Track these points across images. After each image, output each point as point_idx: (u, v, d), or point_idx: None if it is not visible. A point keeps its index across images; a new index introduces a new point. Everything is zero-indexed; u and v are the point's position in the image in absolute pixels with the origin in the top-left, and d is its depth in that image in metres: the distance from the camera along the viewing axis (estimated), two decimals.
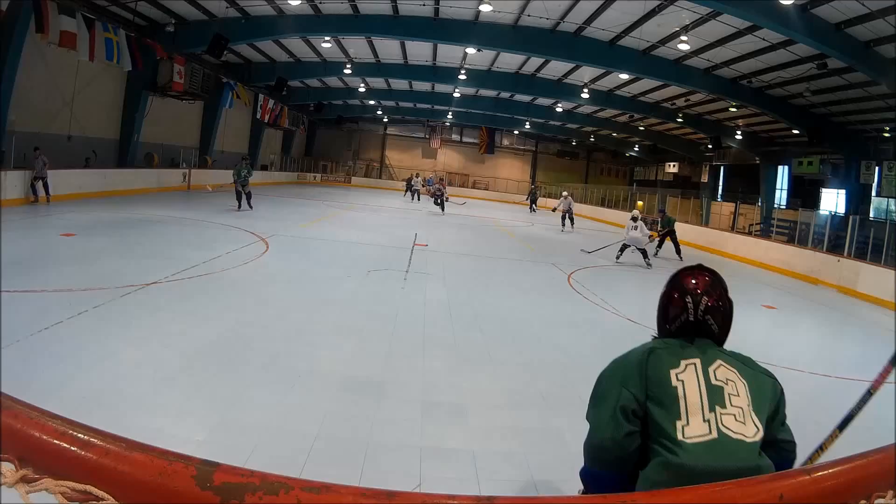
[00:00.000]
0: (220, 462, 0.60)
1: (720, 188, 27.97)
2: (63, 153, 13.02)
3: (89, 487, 0.57)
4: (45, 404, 0.64)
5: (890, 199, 17.40)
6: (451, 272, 7.98)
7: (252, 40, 17.25)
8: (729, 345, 1.42)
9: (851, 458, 0.75)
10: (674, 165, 30.29)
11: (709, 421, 1.18)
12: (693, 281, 1.41)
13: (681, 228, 18.37)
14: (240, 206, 12.82)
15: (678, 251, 12.18)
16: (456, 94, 25.28)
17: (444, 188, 19.95)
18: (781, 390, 1.39)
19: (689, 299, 1.37)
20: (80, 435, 0.60)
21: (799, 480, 0.69)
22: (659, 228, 12.47)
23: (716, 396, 1.21)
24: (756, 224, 21.45)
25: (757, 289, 9.73)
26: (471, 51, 17.12)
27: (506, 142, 37.13)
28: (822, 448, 1.42)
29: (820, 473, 0.71)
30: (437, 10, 14.42)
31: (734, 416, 1.19)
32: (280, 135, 29.48)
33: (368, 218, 15.35)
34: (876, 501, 0.71)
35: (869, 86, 13.76)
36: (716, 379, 1.24)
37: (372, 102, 30.05)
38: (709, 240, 15.95)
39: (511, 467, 2.74)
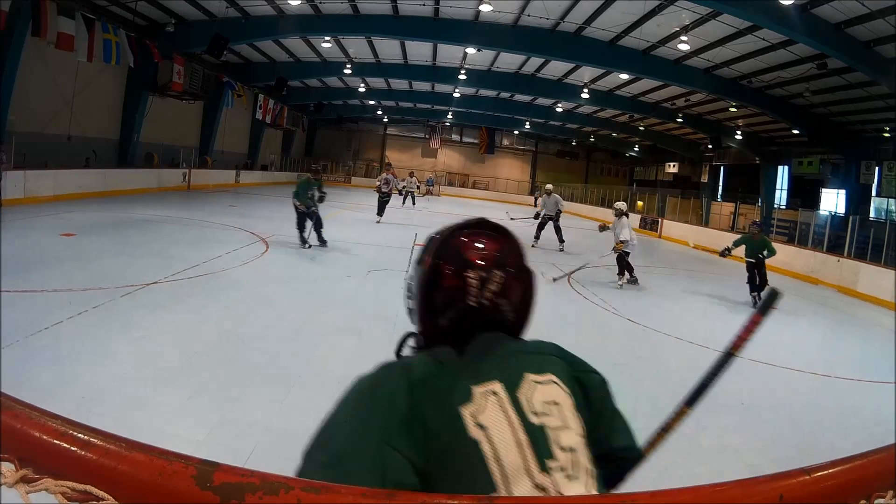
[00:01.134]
0: (220, 462, 0.60)
1: (720, 188, 27.99)
2: (63, 153, 13.02)
3: (89, 487, 0.57)
4: (45, 404, 0.64)
5: (890, 199, 17.40)
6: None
7: (252, 40, 17.25)
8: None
9: (851, 458, 0.75)
10: (674, 165, 30.29)
11: (541, 487, 0.71)
12: (474, 246, 0.89)
13: (680, 228, 18.54)
14: (304, 241, 8.67)
15: (758, 285, 7.79)
16: (456, 94, 25.27)
17: (418, 183, 21.07)
18: (603, 381, 0.98)
19: (471, 275, 0.86)
20: (80, 435, 0.60)
21: (799, 480, 0.69)
22: (732, 246, 8.14)
23: (540, 442, 0.73)
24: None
25: None
26: (471, 51, 17.13)
27: (506, 142, 37.13)
28: (666, 428, 1.04)
29: (820, 473, 0.71)
30: (437, 10, 14.42)
31: (564, 469, 0.73)
32: (280, 135, 29.48)
33: (368, 218, 15.35)
34: (876, 501, 0.71)
35: (869, 86, 13.76)
36: (533, 413, 0.76)
37: (372, 102, 30.05)
38: (709, 240, 15.94)
39: None
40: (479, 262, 0.87)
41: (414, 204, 20.27)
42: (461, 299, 0.86)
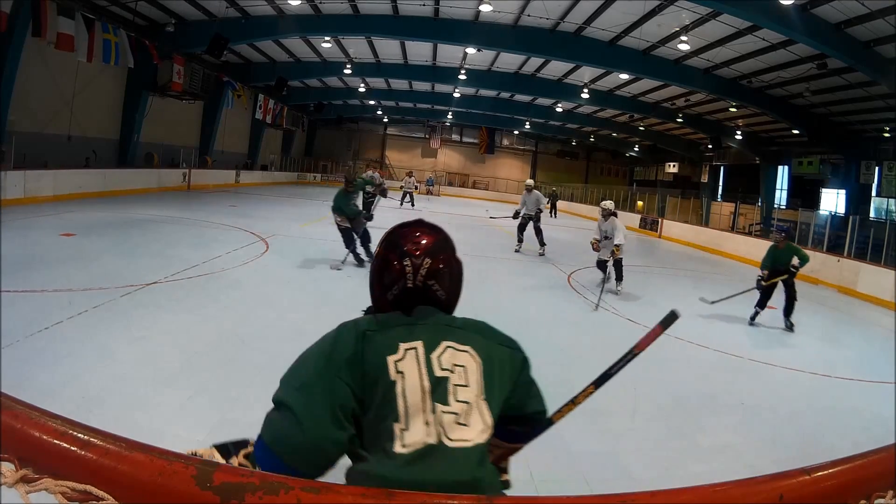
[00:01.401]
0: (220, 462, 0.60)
1: (720, 188, 28.00)
2: (63, 153, 13.02)
3: (89, 487, 0.57)
4: (44, 404, 0.64)
5: (890, 199, 17.41)
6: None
7: (252, 40, 17.25)
8: (731, 343, 1.30)
9: (851, 458, 0.75)
10: (674, 165, 30.30)
11: (429, 423, 0.95)
12: (413, 241, 1.16)
13: (679, 229, 18.54)
14: (361, 259, 7.50)
15: (786, 305, 6.39)
16: (456, 94, 25.28)
17: (417, 183, 20.43)
18: (524, 359, 1.21)
19: (408, 262, 1.12)
20: (80, 435, 0.60)
21: (799, 480, 0.69)
22: (761, 271, 6.41)
23: (439, 391, 0.98)
24: (756, 224, 21.46)
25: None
26: (471, 51, 17.13)
27: (506, 142, 37.15)
28: (574, 402, 1.23)
29: (820, 473, 0.71)
30: (437, 10, 14.42)
31: (456, 415, 0.96)
32: (280, 135, 29.49)
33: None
34: (876, 501, 0.71)
35: (869, 86, 13.76)
36: (441, 368, 1.01)
37: (372, 102, 30.06)
38: (709, 240, 15.96)
39: (511, 467, 2.74)
40: (414, 252, 1.13)
41: (413, 205, 20.21)
42: (401, 281, 1.13)
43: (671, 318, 1.23)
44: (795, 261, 6.29)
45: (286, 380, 1.03)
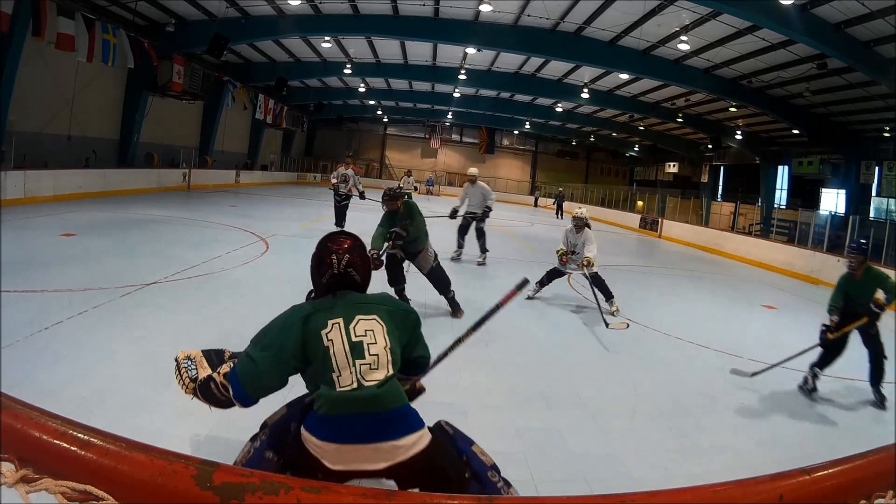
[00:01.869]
0: (220, 462, 0.60)
1: (720, 188, 28.00)
2: (63, 153, 13.02)
3: (89, 487, 0.57)
4: (45, 404, 0.64)
5: (890, 199, 17.41)
6: (451, 272, 7.96)
7: (252, 40, 17.25)
8: (731, 343, 1.40)
9: (851, 458, 0.75)
10: (674, 165, 30.30)
11: (353, 372, 1.54)
12: (337, 243, 1.77)
13: (679, 229, 18.55)
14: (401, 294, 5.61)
15: (876, 375, 4.21)
16: (456, 94, 25.28)
17: (416, 184, 19.53)
18: (416, 318, 1.84)
19: (334, 257, 1.73)
20: (80, 435, 0.60)
21: (799, 480, 0.69)
22: (829, 318, 4.40)
23: (357, 350, 1.57)
24: (756, 224, 21.46)
25: (757, 289, 9.72)
26: (471, 51, 17.12)
27: (506, 142, 37.15)
28: (451, 347, 2.03)
29: (820, 473, 0.71)
30: (437, 10, 14.42)
31: (370, 365, 1.56)
32: (280, 135, 29.48)
33: (368, 218, 15.35)
34: (876, 501, 0.71)
35: (869, 86, 13.77)
36: (356, 335, 1.59)
37: (372, 102, 30.06)
38: (709, 240, 15.96)
39: (511, 467, 2.74)
40: (338, 250, 1.75)
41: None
42: (329, 269, 1.74)
43: (523, 283, 2.12)
44: (880, 295, 4.18)
45: (255, 339, 1.67)
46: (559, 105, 24.78)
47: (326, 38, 17.80)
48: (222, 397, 1.65)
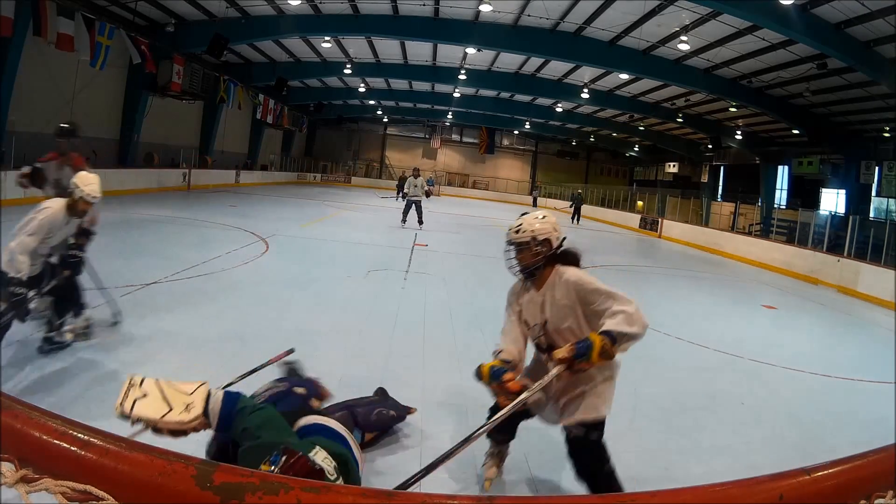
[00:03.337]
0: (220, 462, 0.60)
1: (720, 188, 27.98)
2: None
3: (89, 487, 0.57)
4: (45, 404, 0.64)
5: (890, 199, 17.41)
6: (451, 272, 7.98)
7: (252, 40, 17.26)
8: (731, 343, 1.36)
9: (851, 458, 0.75)
10: (674, 165, 30.29)
11: None
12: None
13: (679, 229, 18.56)
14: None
15: None
16: (456, 94, 25.28)
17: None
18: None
19: None
20: (80, 435, 0.60)
21: (799, 480, 0.69)
22: None
23: None
24: (756, 224, 21.46)
25: (757, 289, 9.73)
26: (471, 51, 17.13)
27: (506, 142, 37.15)
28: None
29: (820, 473, 0.71)
30: (437, 10, 14.42)
31: None
32: (280, 135, 29.49)
33: (368, 218, 15.35)
34: (876, 501, 0.71)
35: (869, 86, 13.76)
36: None
37: (372, 102, 30.06)
38: (709, 240, 15.96)
39: (511, 467, 2.74)
40: None
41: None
42: None
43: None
44: None
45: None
46: (559, 105, 24.78)
47: (326, 38, 17.81)
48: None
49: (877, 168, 17.53)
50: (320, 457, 1.77)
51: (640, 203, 25.09)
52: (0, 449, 0.59)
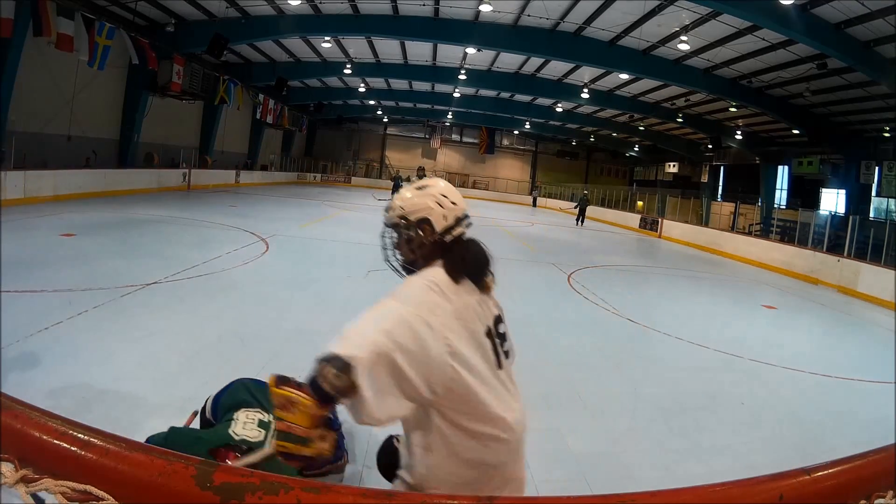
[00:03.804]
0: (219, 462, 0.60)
1: (720, 188, 27.97)
2: (63, 153, 13.01)
3: (89, 487, 0.57)
4: (44, 404, 0.64)
5: (890, 199, 17.40)
6: None
7: (252, 40, 17.24)
8: (731, 343, 1.32)
9: (851, 458, 0.75)
10: (674, 165, 30.29)
11: None
12: None
13: (679, 229, 18.56)
14: None
15: None
16: (456, 94, 25.27)
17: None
18: None
19: None
20: (80, 435, 0.60)
21: (799, 480, 0.69)
22: None
23: None
24: (756, 224, 21.46)
25: (757, 289, 9.72)
26: (471, 51, 17.12)
27: (506, 142, 37.15)
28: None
29: (820, 473, 0.71)
30: (437, 10, 14.41)
31: None
32: (280, 135, 29.48)
33: (368, 218, 15.35)
34: (876, 501, 0.71)
35: (869, 86, 13.76)
36: None
37: (372, 102, 30.05)
38: (709, 240, 15.96)
39: None
40: None
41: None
42: None
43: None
44: None
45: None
46: (559, 105, 24.77)
47: (326, 38, 17.80)
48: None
49: (877, 168, 17.53)
50: (239, 426, 1.84)
51: (640, 203, 25.08)
52: (0, 449, 0.59)
